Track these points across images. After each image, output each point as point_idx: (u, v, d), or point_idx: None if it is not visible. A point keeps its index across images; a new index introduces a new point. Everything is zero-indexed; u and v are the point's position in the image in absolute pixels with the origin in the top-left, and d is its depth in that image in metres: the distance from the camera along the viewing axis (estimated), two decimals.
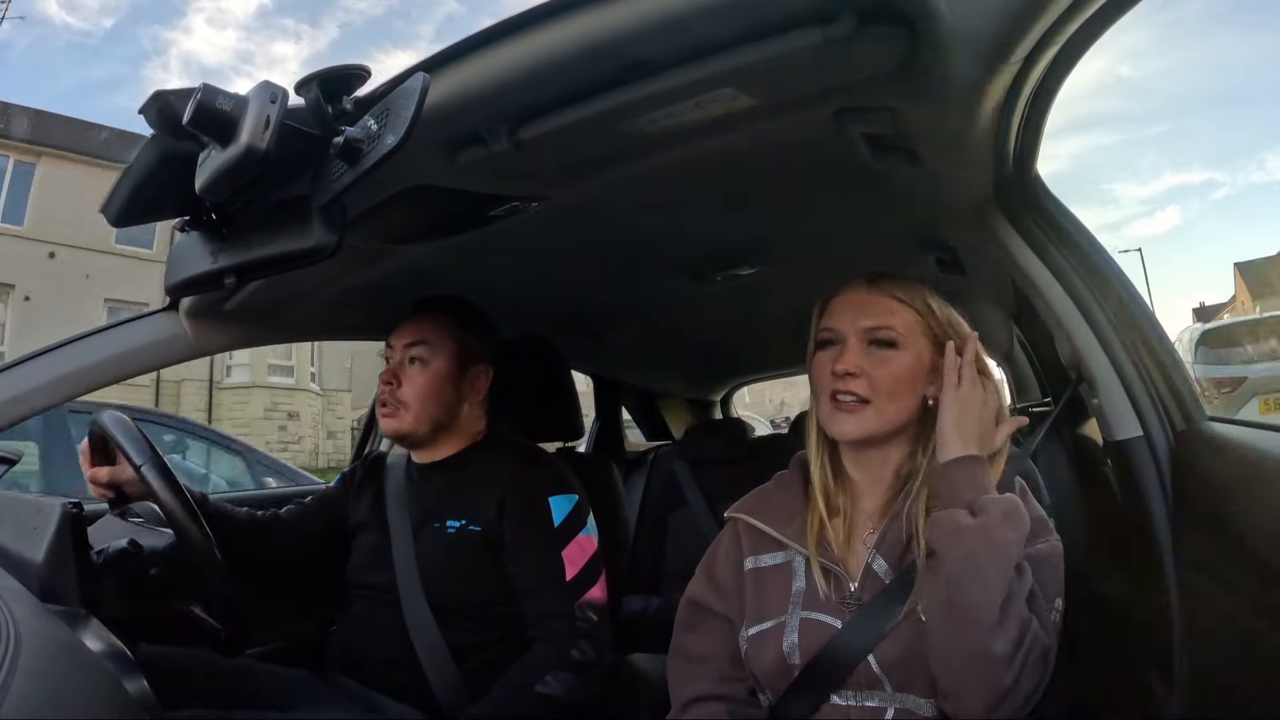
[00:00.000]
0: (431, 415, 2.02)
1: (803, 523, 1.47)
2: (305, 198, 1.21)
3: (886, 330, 1.44)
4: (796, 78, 1.19)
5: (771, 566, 1.49)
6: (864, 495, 1.49)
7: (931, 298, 1.48)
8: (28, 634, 0.65)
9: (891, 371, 1.42)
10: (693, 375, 4.15)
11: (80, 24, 63.31)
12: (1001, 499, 1.28)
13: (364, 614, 1.98)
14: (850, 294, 1.50)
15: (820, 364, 1.48)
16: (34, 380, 1.79)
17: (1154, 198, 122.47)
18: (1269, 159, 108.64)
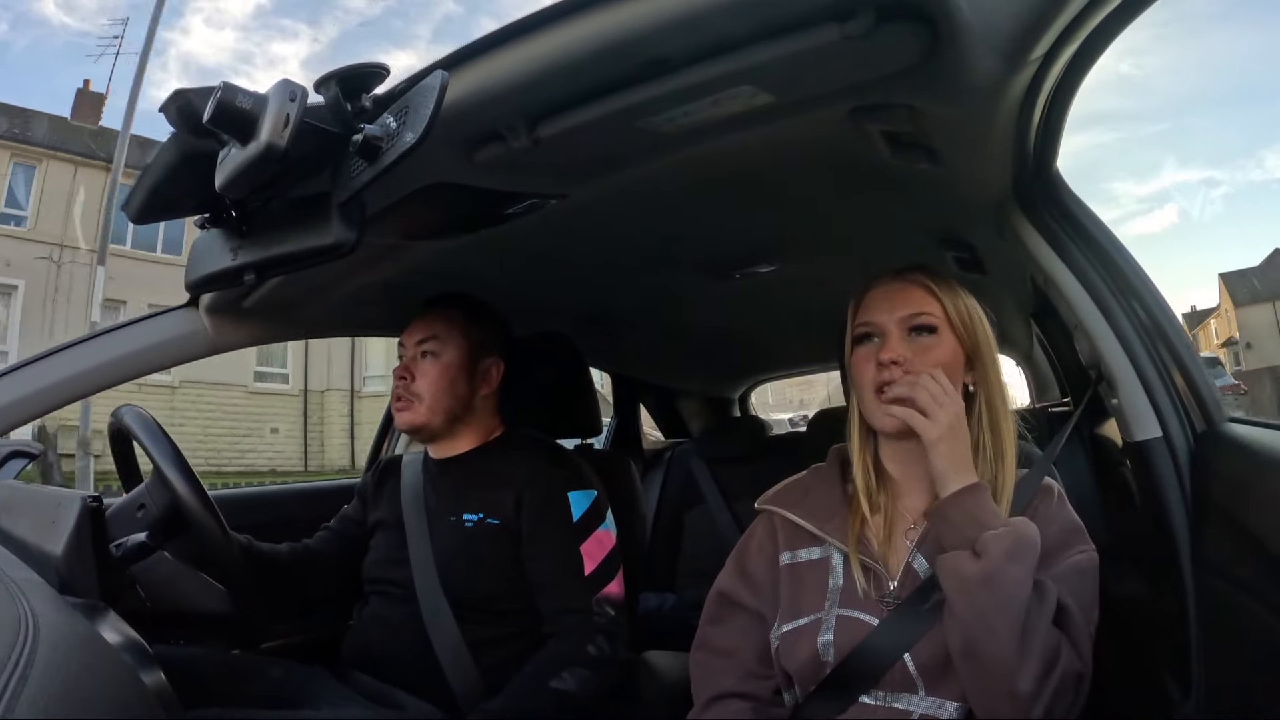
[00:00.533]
0: (445, 406, 2.03)
1: (843, 519, 1.46)
2: (324, 195, 1.21)
3: (925, 316, 1.43)
4: (815, 75, 1.19)
5: (808, 562, 1.47)
6: (905, 493, 1.47)
7: (959, 294, 1.46)
8: (46, 626, 0.66)
9: (936, 357, 1.41)
10: (711, 373, 4.14)
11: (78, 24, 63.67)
12: (1003, 533, 1.24)
13: (381, 609, 1.99)
14: (882, 286, 1.48)
15: (861, 359, 1.46)
16: (57, 375, 1.81)
17: (1152, 196, 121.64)
18: (1268, 157, 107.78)
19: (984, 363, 1.45)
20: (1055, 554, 1.32)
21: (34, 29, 50.23)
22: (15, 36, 46.87)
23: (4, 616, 0.66)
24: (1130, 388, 1.47)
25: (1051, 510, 1.39)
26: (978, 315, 1.46)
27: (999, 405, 1.44)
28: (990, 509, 1.28)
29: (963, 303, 1.45)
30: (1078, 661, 1.24)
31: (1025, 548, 1.23)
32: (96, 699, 0.61)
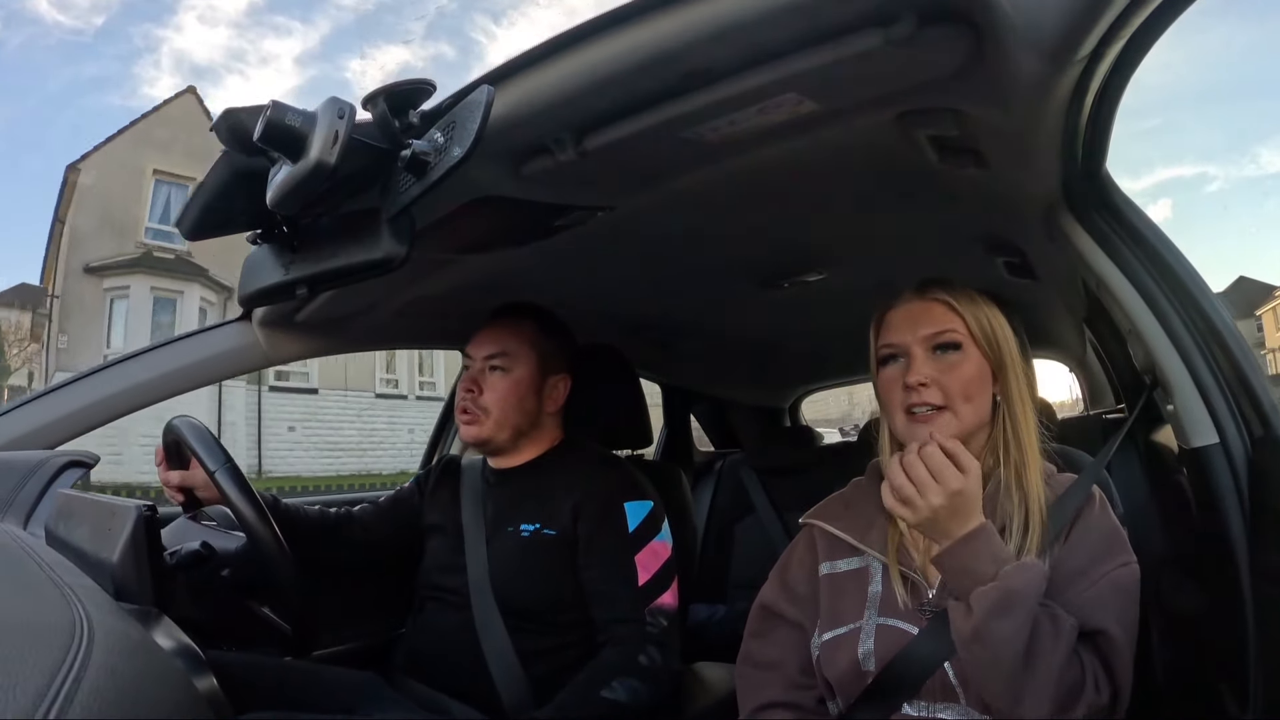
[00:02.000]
0: (513, 423, 2.03)
1: (882, 531, 1.46)
2: (374, 210, 1.23)
3: (949, 334, 1.43)
4: (859, 81, 1.19)
5: (848, 572, 1.48)
6: None
7: (980, 306, 1.46)
8: (101, 631, 0.67)
9: (963, 374, 1.41)
10: (760, 382, 4.12)
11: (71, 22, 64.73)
12: (989, 590, 1.21)
13: (435, 617, 2.00)
14: (903, 306, 1.49)
15: (888, 380, 1.47)
16: (117, 386, 1.86)
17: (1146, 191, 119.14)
18: (1262, 153, 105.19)
19: (1007, 373, 1.44)
20: (1094, 566, 1.31)
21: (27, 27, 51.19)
22: (8, 34, 47.69)
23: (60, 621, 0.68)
24: (1186, 393, 1.44)
25: (1093, 518, 1.37)
26: (1000, 325, 1.46)
27: (1020, 415, 1.43)
28: (986, 556, 1.25)
29: (985, 315, 1.45)
30: (1107, 688, 1.23)
31: (1015, 600, 1.20)
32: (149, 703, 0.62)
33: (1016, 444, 1.42)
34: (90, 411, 1.83)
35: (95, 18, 62.51)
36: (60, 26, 55.06)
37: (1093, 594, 1.28)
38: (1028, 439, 1.42)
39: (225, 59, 77.41)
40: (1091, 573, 1.30)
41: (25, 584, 0.86)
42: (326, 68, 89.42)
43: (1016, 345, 1.47)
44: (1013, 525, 1.35)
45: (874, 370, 1.51)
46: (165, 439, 1.80)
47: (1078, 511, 1.37)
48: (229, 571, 1.72)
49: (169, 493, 1.83)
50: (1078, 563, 1.31)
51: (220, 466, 1.67)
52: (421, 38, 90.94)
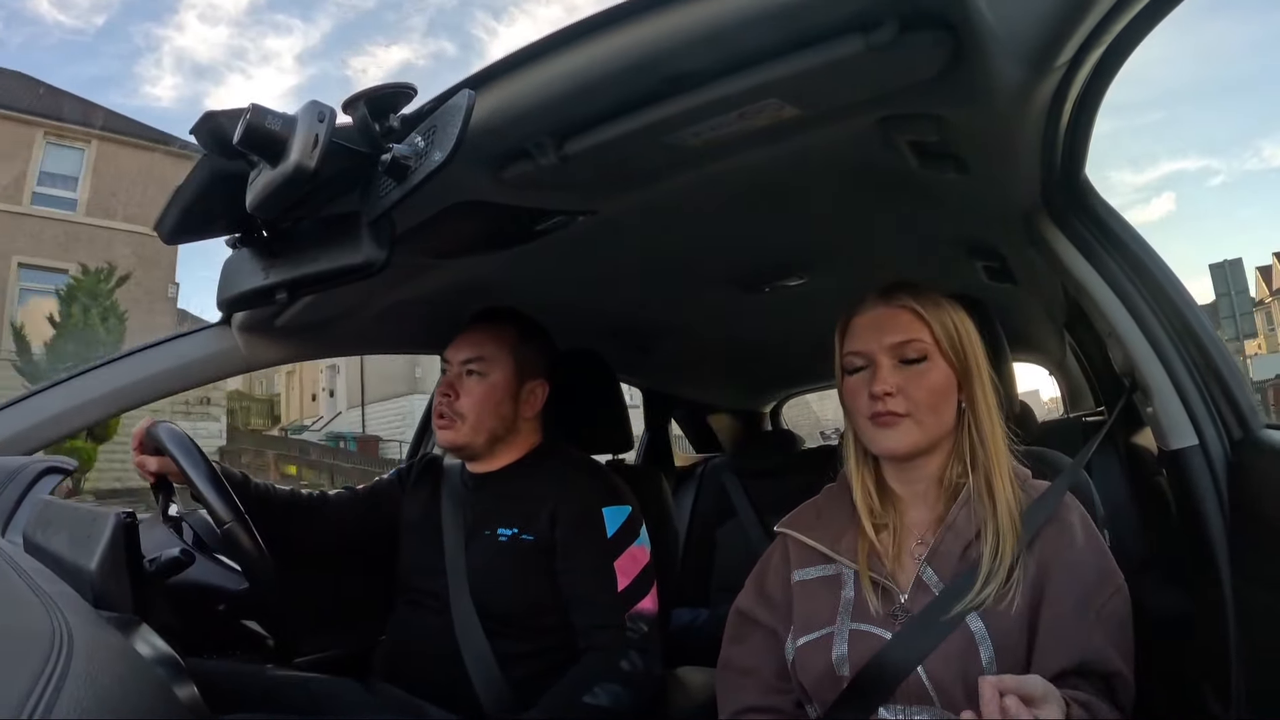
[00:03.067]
0: (488, 428, 2.02)
1: (852, 539, 1.46)
2: (354, 214, 1.23)
3: (916, 344, 1.43)
4: (841, 86, 1.19)
5: (820, 578, 1.48)
6: (910, 508, 1.48)
7: (947, 311, 1.46)
8: (80, 639, 0.67)
9: (928, 384, 1.42)
10: (741, 386, 4.14)
11: (72, 22, 64.45)
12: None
13: (413, 620, 1.99)
14: (868, 313, 1.48)
15: (854, 388, 1.47)
16: (93, 392, 1.84)
17: (1149, 185, 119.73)
18: (1265, 146, 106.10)
19: (973, 380, 1.44)
20: (1092, 597, 1.31)
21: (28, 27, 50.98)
22: (9, 34, 47.52)
23: (39, 629, 0.67)
24: (1165, 396, 1.45)
25: (1078, 547, 1.36)
26: (966, 331, 1.46)
27: (985, 421, 1.43)
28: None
29: (951, 321, 1.45)
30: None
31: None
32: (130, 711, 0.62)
33: (983, 450, 1.42)
34: (67, 417, 1.81)
35: (96, 17, 62.23)
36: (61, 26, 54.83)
37: (1100, 633, 1.27)
38: (994, 445, 1.42)
39: (226, 57, 77.11)
40: (1091, 604, 1.30)
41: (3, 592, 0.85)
42: (327, 65, 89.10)
43: (983, 350, 1.47)
44: (986, 531, 1.35)
45: (839, 376, 1.52)
46: (145, 444, 1.79)
47: (1056, 516, 1.37)
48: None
49: (142, 474, 1.82)
50: (1075, 597, 1.30)
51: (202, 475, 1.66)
52: (423, 35, 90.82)
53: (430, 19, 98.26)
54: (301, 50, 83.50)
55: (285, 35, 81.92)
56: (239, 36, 76.49)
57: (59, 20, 58.93)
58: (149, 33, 67.57)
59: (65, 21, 60.53)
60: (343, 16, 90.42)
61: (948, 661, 1.29)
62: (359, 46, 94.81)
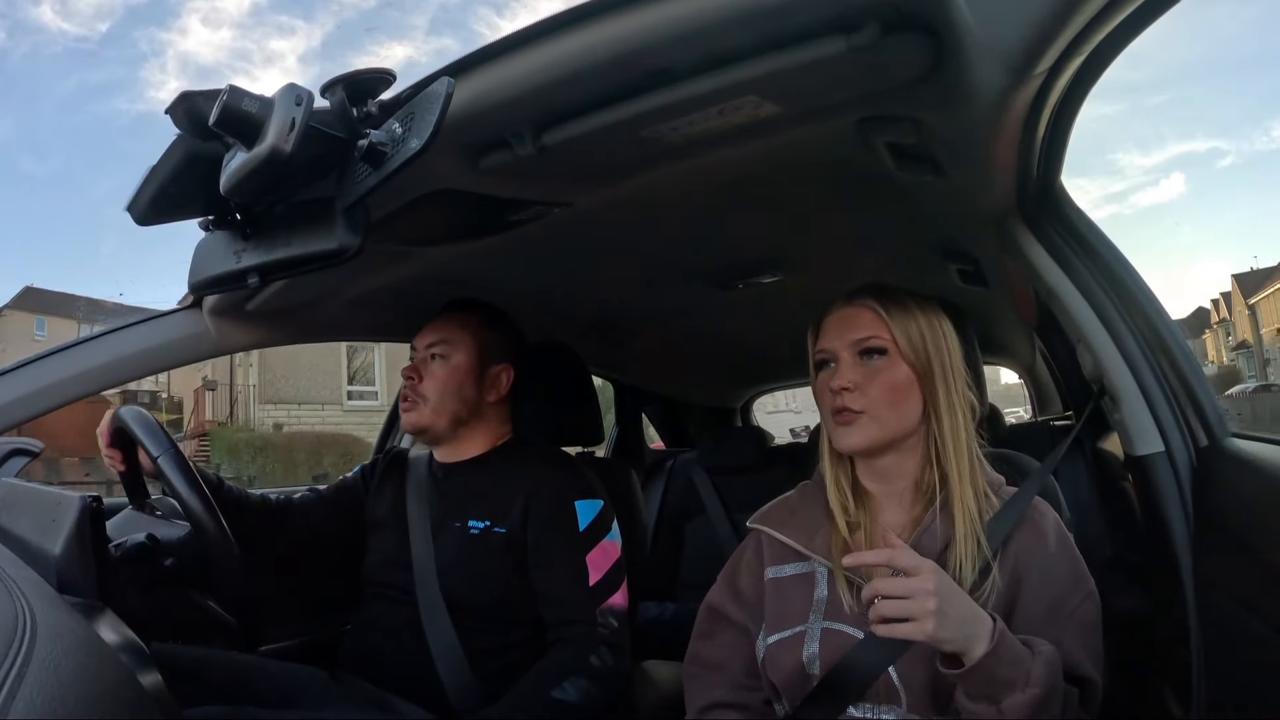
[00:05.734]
0: (450, 409, 2.02)
1: (826, 536, 1.47)
2: (329, 199, 1.22)
3: (875, 339, 1.45)
4: (820, 86, 1.19)
5: (793, 576, 1.49)
6: (884, 508, 1.49)
7: (913, 313, 1.46)
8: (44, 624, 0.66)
9: (886, 380, 1.43)
10: (713, 382, 4.14)
11: (76, 29, 64.03)
12: (1025, 700, 1.17)
13: (380, 614, 1.98)
14: (835, 313, 1.51)
15: (821, 385, 1.49)
16: (61, 373, 1.82)
17: (1158, 167, 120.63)
18: (1275, 126, 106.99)
19: (935, 382, 1.44)
20: (1065, 601, 1.33)
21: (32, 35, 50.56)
22: (13, 44, 47.26)
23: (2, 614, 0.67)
24: (1132, 401, 1.47)
25: (1051, 554, 1.37)
26: (933, 334, 1.46)
27: (949, 424, 1.43)
28: (1008, 660, 1.18)
29: (915, 324, 1.45)
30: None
31: (1049, 699, 1.19)
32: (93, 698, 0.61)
33: (945, 453, 1.43)
34: (34, 399, 1.79)
35: (99, 24, 61.71)
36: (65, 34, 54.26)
37: (1071, 638, 1.28)
38: (955, 449, 1.42)
39: (230, 59, 76.62)
40: (1063, 609, 1.32)
41: None
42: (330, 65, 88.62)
43: (954, 353, 1.47)
44: (955, 536, 1.36)
45: (812, 375, 1.53)
46: (112, 427, 1.77)
47: (1027, 519, 1.39)
48: (173, 561, 1.69)
49: (110, 463, 1.81)
50: (1047, 602, 1.32)
51: (164, 452, 1.65)
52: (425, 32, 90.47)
53: (433, 16, 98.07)
54: (305, 50, 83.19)
55: (288, 36, 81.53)
56: (242, 39, 76.07)
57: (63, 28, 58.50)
58: (153, 37, 67.19)
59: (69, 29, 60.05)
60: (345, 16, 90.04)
61: (920, 663, 1.29)
62: (361, 45, 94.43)
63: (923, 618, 1.14)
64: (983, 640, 1.16)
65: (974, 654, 1.16)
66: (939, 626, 1.14)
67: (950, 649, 1.17)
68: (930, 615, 1.14)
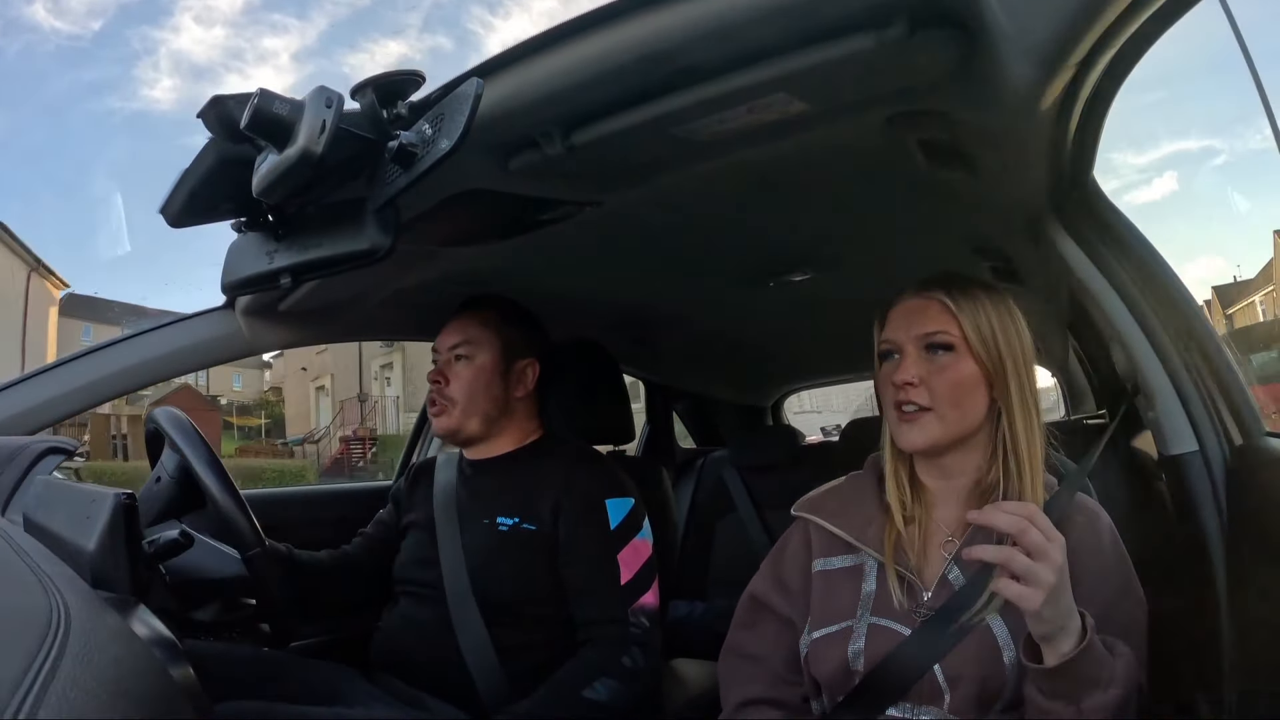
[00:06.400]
0: (480, 410, 2.03)
1: (879, 528, 1.44)
2: (360, 200, 1.22)
3: (942, 335, 1.40)
4: (850, 83, 1.18)
5: (842, 569, 1.46)
6: (940, 504, 1.46)
7: (983, 306, 1.43)
8: (78, 619, 0.67)
9: (951, 377, 1.39)
10: (744, 381, 4.13)
11: (69, 28, 64.73)
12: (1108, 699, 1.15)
13: (409, 611, 1.99)
14: (903, 303, 1.47)
15: (884, 377, 1.46)
16: (99, 372, 1.84)
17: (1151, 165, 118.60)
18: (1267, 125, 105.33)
19: (1007, 380, 1.40)
20: (1117, 606, 1.31)
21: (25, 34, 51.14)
22: (7, 42, 47.81)
23: (36, 608, 0.67)
24: (1167, 400, 1.45)
25: (1106, 558, 1.35)
26: (1003, 329, 1.42)
27: (1020, 424, 1.40)
28: (1096, 658, 1.16)
29: (985, 318, 1.41)
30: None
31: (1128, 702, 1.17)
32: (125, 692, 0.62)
33: (1015, 455, 1.39)
34: (70, 398, 1.81)
35: (92, 22, 62.47)
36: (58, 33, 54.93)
37: (1122, 644, 1.24)
38: (1027, 451, 1.39)
39: (223, 58, 77.27)
40: (1116, 614, 1.29)
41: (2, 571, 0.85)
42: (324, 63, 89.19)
43: (1027, 348, 1.45)
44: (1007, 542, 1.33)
45: (876, 365, 1.50)
46: (148, 430, 1.79)
47: (1094, 545, 1.36)
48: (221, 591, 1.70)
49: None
50: (1099, 607, 1.26)
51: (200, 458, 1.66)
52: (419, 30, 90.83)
53: (426, 15, 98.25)
54: (298, 49, 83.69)
55: (282, 34, 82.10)
56: (235, 37, 76.72)
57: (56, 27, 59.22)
58: (146, 36, 67.83)
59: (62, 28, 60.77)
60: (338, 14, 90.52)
61: (968, 663, 1.28)
62: (355, 44, 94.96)
63: (1039, 586, 1.10)
64: (1073, 636, 1.14)
65: (1062, 649, 1.14)
66: (1047, 603, 1.10)
67: (1042, 631, 1.14)
68: (1046, 588, 1.10)
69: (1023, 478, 1.38)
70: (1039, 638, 1.15)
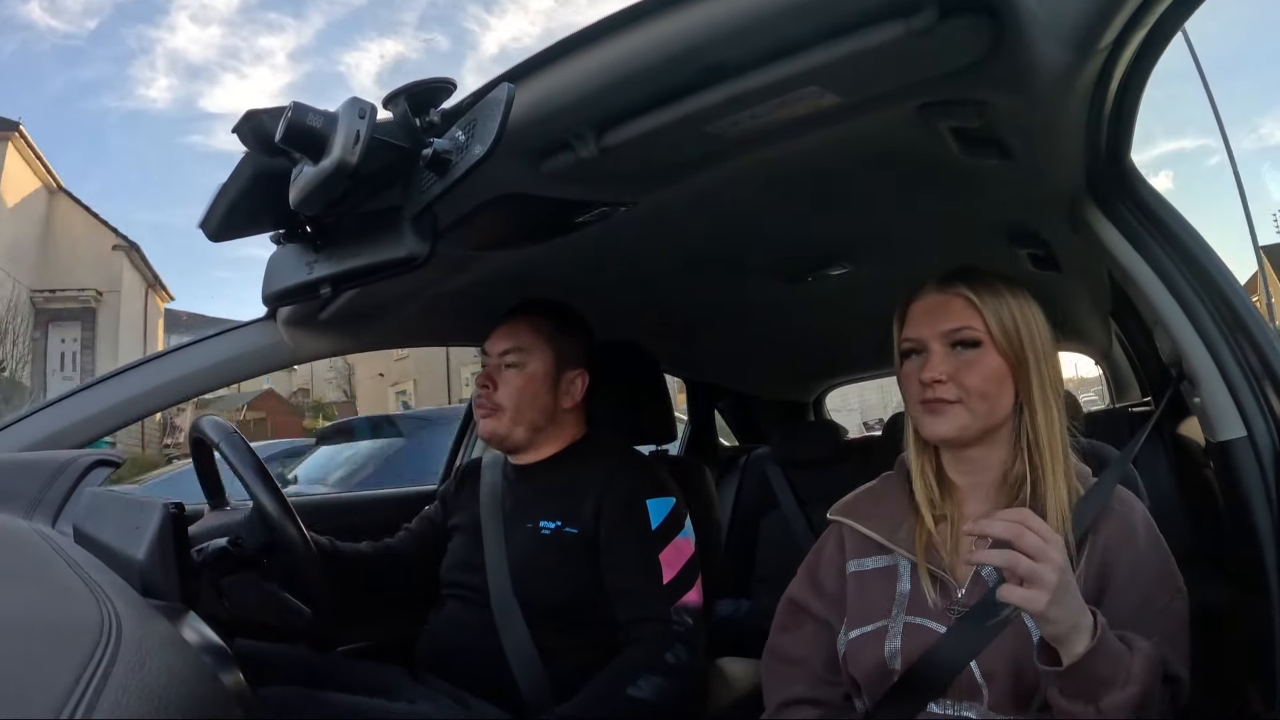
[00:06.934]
0: (529, 418, 2.03)
1: (910, 529, 1.44)
2: (396, 208, 1.24)
3: (968, 330, 1.40)
4: (881, 73, 1.18)
5: (875, 570, 1.46)
6: (969, 499, 1.45)
7: (1005, 300, 1.42)
8: (128, 627, 0.68)
9: (979, 371, 1.38)
10: (785, 377, 4.12)
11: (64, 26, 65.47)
12: (1126, 698, 1.13)
13: (455, 613, 2.00)
14: (925, 299, 1.46)
15: (908, 375, 1.45)
16: (143, 386, 1.88)
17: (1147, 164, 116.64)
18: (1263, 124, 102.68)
19: (1029, 371, 1.40)
20: (1155, 597, 1.29)
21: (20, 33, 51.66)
22: (2, 41, 48.25)
23: (88, 617, 0.69)
24: (1213, 386, 1.42)
25: (1141, 549, 1.33)
26: (1025, 322, 1.42)
27: (1042, 415, 1.39)
28: (1111, 656, 1.14)
29: (1008, 311, 1.41)
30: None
31: (1147, 698, 1.15)
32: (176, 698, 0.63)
33: (1037, 446, 1.39)
34: (117, 411, 1.85)
35: (88, 21, 63.22)
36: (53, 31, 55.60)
37: (1160, 636, 1.23)
38: (1050, 440, 1.38)
39: (220, 57, 77.97)
40: (1152, 606, 1.28)
41: (54, 582, 0.87)
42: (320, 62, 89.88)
43: (1047, 341, 1.43)
44: None
45: (897, 363, 1.50)
46: (193, 438, 1.81)
47: (1126, 537, 1.34)
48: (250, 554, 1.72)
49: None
50: (1136, 599, 1.28)
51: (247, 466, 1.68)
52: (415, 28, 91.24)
53: (421, 13, 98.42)
54: (294, 48, 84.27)
55: (278, 33, 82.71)
56: (231, 36, 77.41)
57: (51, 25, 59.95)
58: (141, 35, 68.46)
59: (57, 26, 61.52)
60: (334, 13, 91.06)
61: (1003, 658, 1.27)
62: (351, 42, 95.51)
63: (1043, 588, 1.08)
64: (1084, 635, 1.12)
65: (1075, 649, 1.11)
66: (1053, 603, 1.08)
67: (1052, 632, 1.12)
68: (1049, 588, 1.08)
69: (1045, 469, 1.37)
70: (1051, 639, 1.13)
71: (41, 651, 0.61)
